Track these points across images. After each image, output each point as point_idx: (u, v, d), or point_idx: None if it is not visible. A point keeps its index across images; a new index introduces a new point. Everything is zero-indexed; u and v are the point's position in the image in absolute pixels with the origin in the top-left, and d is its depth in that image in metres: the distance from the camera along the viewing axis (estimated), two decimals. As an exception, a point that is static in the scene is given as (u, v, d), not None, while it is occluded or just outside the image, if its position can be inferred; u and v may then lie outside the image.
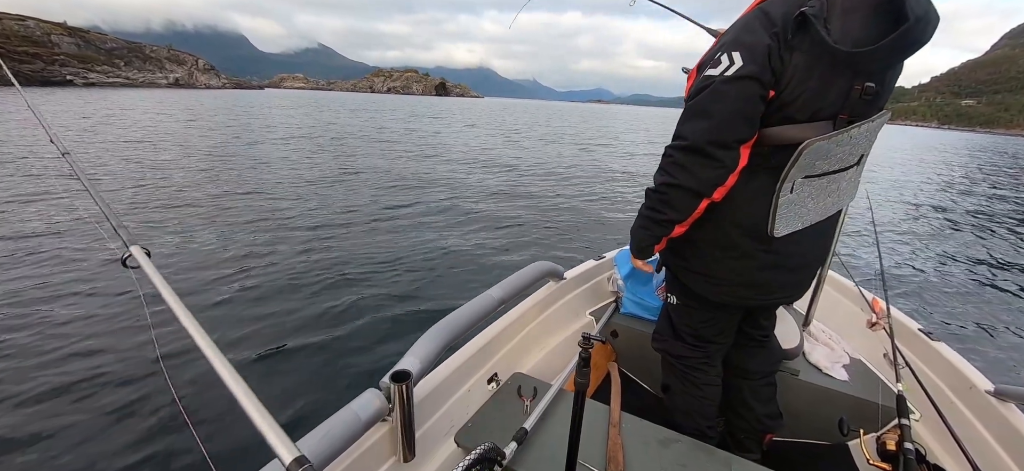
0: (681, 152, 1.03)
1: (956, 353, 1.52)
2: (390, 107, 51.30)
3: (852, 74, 0.94)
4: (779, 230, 1.06)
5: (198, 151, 11.23)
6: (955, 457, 1.32)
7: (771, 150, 1.01)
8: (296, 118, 25.14)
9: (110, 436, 1.95)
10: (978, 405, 1.36)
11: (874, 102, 0.99)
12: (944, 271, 5.59)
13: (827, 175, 1.04)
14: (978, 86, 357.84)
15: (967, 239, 7.24)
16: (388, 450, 1.14)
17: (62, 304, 2.55)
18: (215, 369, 0.68)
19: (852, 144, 1.01)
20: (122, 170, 8.05)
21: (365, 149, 13.30)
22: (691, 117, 1.02)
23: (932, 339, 1.61)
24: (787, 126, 0.98)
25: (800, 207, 1.06)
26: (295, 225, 5.44)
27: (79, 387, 2.18)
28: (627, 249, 2.12)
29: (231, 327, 3.10)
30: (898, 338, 1.60)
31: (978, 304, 4.60)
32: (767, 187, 1.04)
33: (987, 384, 1.36)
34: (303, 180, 8.07)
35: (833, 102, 0.96)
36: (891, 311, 1.72)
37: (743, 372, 1.46)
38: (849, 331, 1.89)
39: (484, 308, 1.43)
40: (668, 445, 1.29)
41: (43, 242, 2.63)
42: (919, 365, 1.57)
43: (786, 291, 1.20)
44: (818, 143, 0.95)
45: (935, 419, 1.31)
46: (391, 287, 3.94)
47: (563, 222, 6.48)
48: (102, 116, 19.59)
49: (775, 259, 1.12)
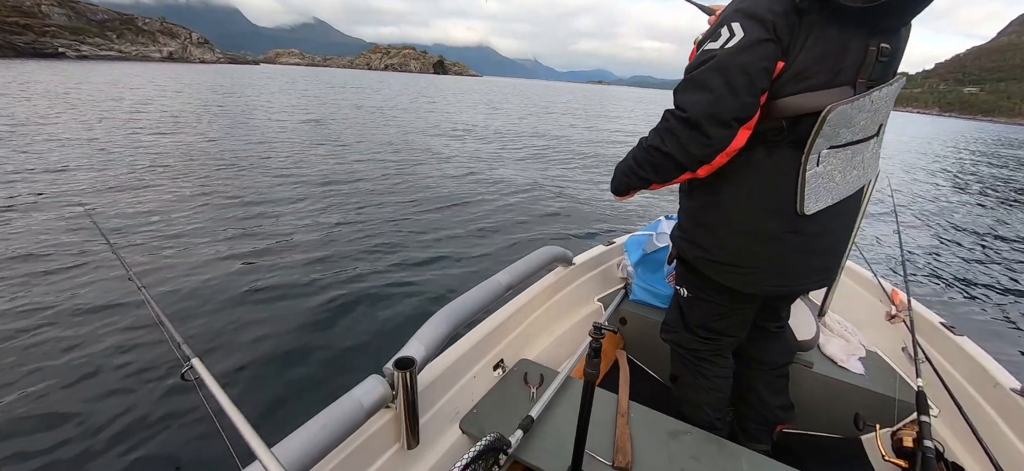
0: (678, 121, 0.98)
1: (980, 349, 1.47)
2: (397, 86, 50.34)
3: (867, 34, 0.91)
4: (809, 206, 1.00)
5: (211, 131, 11.03)
6: (976, 456, 1.29)
7: (791, 122, 0.96)
8: (303, 98, 24.66)
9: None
10: (1003, 404, 1.31)
11: (890, 65, 0.97)
12: (967, 262, 5.45)
13: (851, 145, 1.00)
14: (982, 73, 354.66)
15: (989, 229, 7.12)
16: (391, 437, 1.12)
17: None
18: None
19: (873, 109, 0.98)
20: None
21: (374, 129, 13.08)
22: (691, 88, 0.96)
23: (955, 334, 1.56)
24: (806, 94, 0.94)
25: (828, 180, 1.01)
26: (297, 209, 5.34)
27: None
28: (638, 235, 2.08)
29: (232, 312, 3.05)
30: (918, 332, 1.56)
31: (1004, 298, 4.48)
32: (791, 163, 0.99)
33: (1013, 382, 1.32)
34: (305, 164, 7.92)
35: (850, 65, 0.92)
36: (912, 304, 1.67)
37: (756, 363, 1.42)
38: (866, 323, 1.85)
39: (491, 293, 1.40)
40: (677, 436, 1.26)
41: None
42: (940, 360, 1.53)
43: (815, 277, 1.15)
44: (841, 107, 0.91)
45: (955, 416, 1.27)
46: (395, 270, 3.88)
47: (573, 206, 6.38)
48: (115, 93, 19.15)
49: (803, 241, 1.06)
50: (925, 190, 10.31)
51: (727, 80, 0.91)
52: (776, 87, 0.95)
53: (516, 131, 14.94)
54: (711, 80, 0.92)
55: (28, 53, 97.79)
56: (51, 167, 6.49)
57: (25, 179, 5.81)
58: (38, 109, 12.67)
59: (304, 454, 0.85)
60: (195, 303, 3.13)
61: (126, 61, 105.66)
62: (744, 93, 0.91)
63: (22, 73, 30.66)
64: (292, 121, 13.62)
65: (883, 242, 5.75)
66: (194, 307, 3.08)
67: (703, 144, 0.96)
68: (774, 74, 0.93)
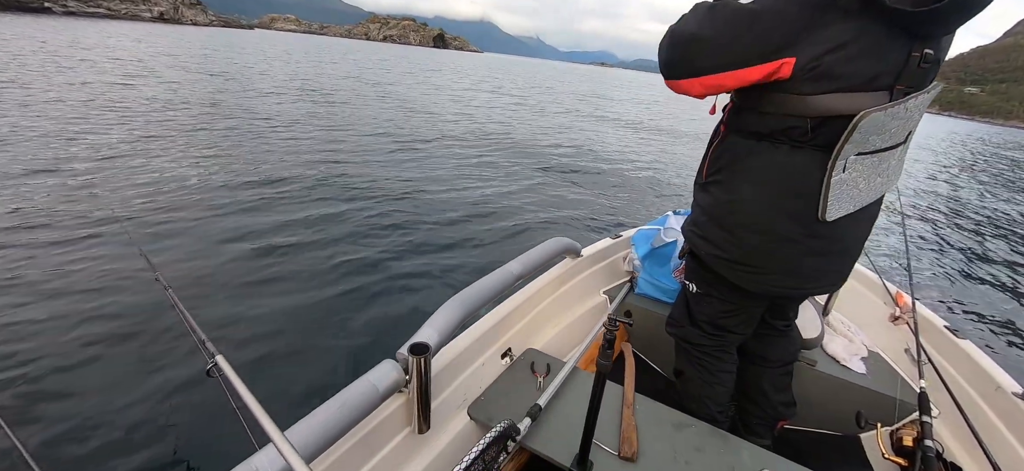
0: (670, 31, 1.02)
1: (983, 352, 1.50)
2: (406, 61, 49.15)
3: (911, 38, 0.87)
4: (831, 213, 0.98)
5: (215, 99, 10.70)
6: (975, 458, 1.32)
7: (816, 123, 0.92)
8: (308, 68, 24.05)
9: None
10: (1004, 407, 1.34)
11: (931, 72, 0.92)
12: (970, 265, 5.49)
13: (879, 152, 0.97)
14: (985, 74, 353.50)
15: (993, 233, 7.17)
16: (403, 421, 1.13)
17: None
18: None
19: (907, 116, 0.94)
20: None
21: (380, 108, 12.80)
22: (695, 11, 0.98)
23: (958, 336, 1.59)
24: (839, 94, 0.90)
25: (853, 187, 0.98)
26: (305, 190, 5.26)
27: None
28: (645, 229, 2.08)
29: (242, 298, 3.02)
30: (922, 334, 1.58)
31: (1007, 302, 4.52)
32: (815, 166, 0.96)
33: (1015, 386, 1.35)
34: (313, 144, 7.73)
35: (890, 70, 0.89)
36: (916, 306, 1.69)
37: (762, 360, 1.44)
38: (870, 324, 1.87)
39: (502, 282, 1.40)
40: (682, 429, 1.29)
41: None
42: (942, 363, 1.56)
43: (829, 280, 1.14)
44: (875, 114, 0.87)
45: (955, 418, 1.30)
46: (405, 255, 3.87)
47: (582, 197, 6.33)
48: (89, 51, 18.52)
49: (821, 245, 1.05)
50: (930, 191, 10.34)
51: (712, 26, 0.93)
52: (804, 82, 0.90)
53: (519, 116, 14.74)
54: (706, 18, 0.95)
55: (11, 6, 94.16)
56: (53, 135, 6.29)
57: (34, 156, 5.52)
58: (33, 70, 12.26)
59: (319, 436, 0.87)
60: (207, 287, 3.10)
61: (115, 19, 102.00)
62: (715, 49, 0.93)
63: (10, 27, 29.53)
64: (298, 97, 13.25)
65: (888, 244, 5.78)
66: (206, 290, 3.05)
67: (664, 53, 1.01)
68: (786, 70, 0.90)
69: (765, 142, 1.02)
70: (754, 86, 0.96)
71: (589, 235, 4.85)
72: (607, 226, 5.28)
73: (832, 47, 0.87)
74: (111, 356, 2.41)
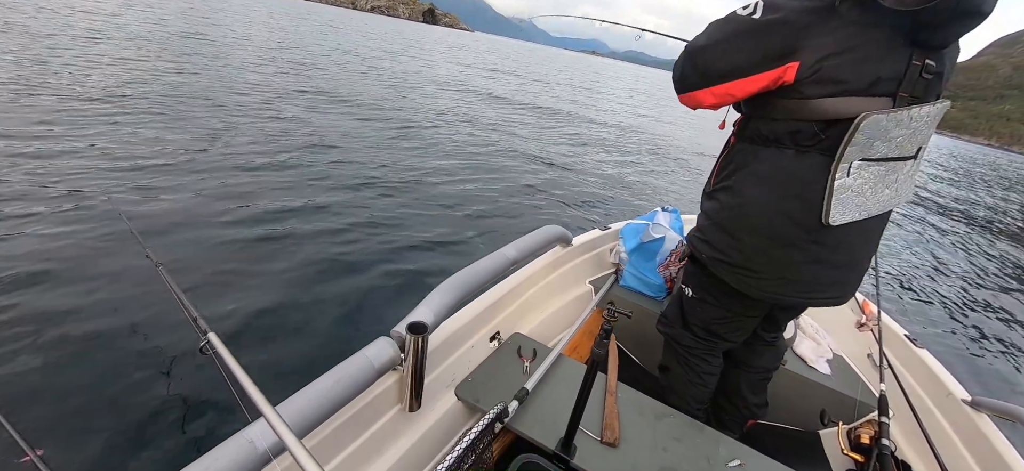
0: (686, 48, 1.08)
1: (937, 361, 1.61)
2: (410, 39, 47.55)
3: (911, 45, 0.90)
4: (835, 217, 0.98)
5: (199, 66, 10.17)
6: (924, 458, 1.43)
7: (823, 126, 0.95)
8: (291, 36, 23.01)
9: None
10: (953, 413, 1.44)
11: (933, 84, 0.95)
12: (933, 277, 5.74)
13: (886, 161, 0.98)
14: (957, 90, 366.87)
15: (960, 247, 7.48)
16: (395, 398, 1.15)
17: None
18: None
19: (912, 127, 0.95)
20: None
21: (370, 83, 12.42)
22: (708, 28, 1.05)
23: (916, 345, 1.69)
24: (841, 98, 0.92)
25: (858, 194, 0.98)
26: (297, 168, 5.10)
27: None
28: (635, 223, 2.12)
29: (235, 274, 2.95)
30: (884, 341, 1.68)
31: (964, 314, 4.75)
32: (820, 170, 0.97)
33: (964, 394, 1.44)
34: (303, 118, 7.44)
35: (890, 75, 0.91)
36: (881, 315, 1.80)
37: (745, 366, 1.46)
38: (837, 329, 1.97)
39: (497, 266, 1.42)
40: (662, 418, 1.34)
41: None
42: (900, 369, 1.66)
43: (828, 292, 1.11)
44: (876, 116, 0.90)
45: (909, 420, 1.41)
46: (400, 236, 3.83)
47: (575, 187, 6.34)
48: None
49: (823, 252, 1.04)
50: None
51: (722, 37, 1.00)
52: (806, 86, 0.93)
53: (519, 101, 14.58)
54: (715, 30, 1.01)
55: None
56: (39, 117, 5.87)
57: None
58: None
59: (314, 410, 0.87)
60: (201, 268, 2.99)
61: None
62: (723, 56, 0.99)
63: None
64: (285, 66, 12.70)
65: None
66: (200, 269, 2.95)
67: (679, 68, 1.08)
68: (790, 75, 0.93)
69: (772, 147, 1.03)
70: (761, 94, 1.00)
71: (578, 225, 4.91)
72: (596, 218, 5.33)
73: (833, 51, 0.90)
74: (103, 335, 2.34)
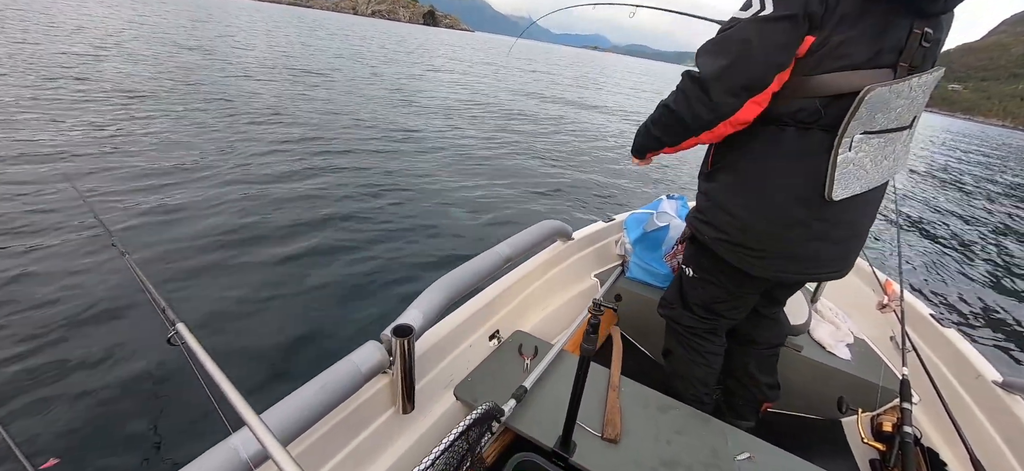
0: (691, 81, 1.00)
1: (966, 341, 1.52)
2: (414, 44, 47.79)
3: (911, 14, 0.90)
4: (838, 192, 0.97)
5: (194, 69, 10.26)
6: (952, 444, 1.35)
7: (825, 102, 0.93)
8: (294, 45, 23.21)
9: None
10: (983, 395, 1.37)
11: (932, 52, 0.95)
12: (959, 255, 5.57)
13: (885, 133, 0.98)
14: (968, 72, 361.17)
15: (980, 224, 7.32)
16: (387, 401, 1.13)
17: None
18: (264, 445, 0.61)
19: (911, 97, 0.95)
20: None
21: (367, 86, 12.46)
22: (709, 51, 0.98)
23: (942, 325, 1.61)
24: (845, 73, 0.91)
25: (859, 167, 0.98)
26: (286, 168, 5.08)
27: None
28: (638, 213, 2.05)
29: (224, 276, 2.92)
30: (908, 322, 1.60)
31: (993, 292, 4.60)
32: (822, 146, 0.96)
33: (995, 375, 1.37)
34: (296, 121, 7.48)
35: (892, 46, 0.90)
36: (904, 295, 1.71)
37: (750, 341, 1.44)
38: (857, 311, 1.89)
39: (490, 265, 1.39)
40: (666, 411, 1.30)
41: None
42: (925, 350, 1.58)
43: (833, 266, 1.12)
44: (879, 89, 0.89)
45: (935, 404, 1.32)
46: (392, 237, 3.78)
47: (575, 180, 6.26)
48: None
49: (826, 228, 1.04)
50: (921, 183, 10.57)
51: (743, 49, 0.92)
52: (811, 62, 0.92)
53: (518, 98, 14.53)
54: (728, 46, 0.94)
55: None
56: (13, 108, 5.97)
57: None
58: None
59: (300, 416, 0.86)
60: (179, 265, 2.97)
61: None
62: (757, 65, 0.91)
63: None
64: (281, 72, 12.82)
65: (880, 232, 5.83)
66: (179, 272, 2.91)
67: (709, 107, 0.97)
68: (802, 50, 0.91)
69: (772, 126, 1.00)
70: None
71: (581, 218, 4.83)
72: (599, 210, 5.25)
73: (838, 24, 0.88)
74: (75, 330, 2.31)
